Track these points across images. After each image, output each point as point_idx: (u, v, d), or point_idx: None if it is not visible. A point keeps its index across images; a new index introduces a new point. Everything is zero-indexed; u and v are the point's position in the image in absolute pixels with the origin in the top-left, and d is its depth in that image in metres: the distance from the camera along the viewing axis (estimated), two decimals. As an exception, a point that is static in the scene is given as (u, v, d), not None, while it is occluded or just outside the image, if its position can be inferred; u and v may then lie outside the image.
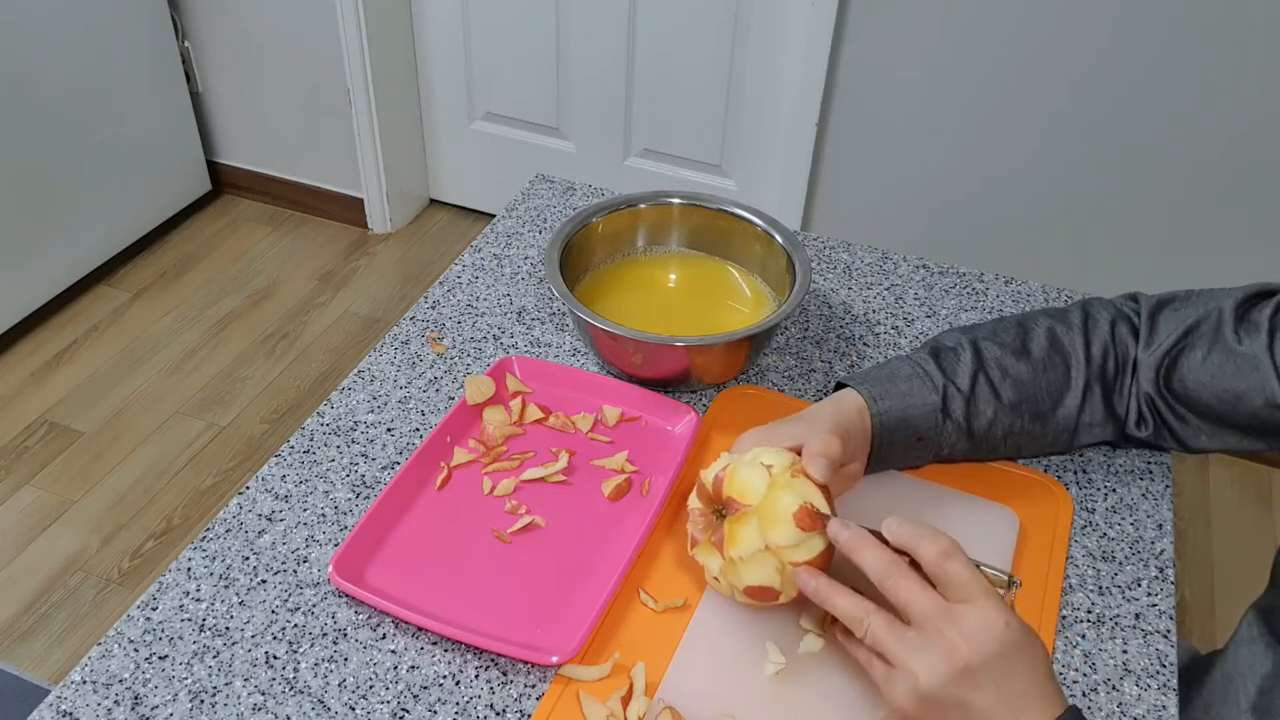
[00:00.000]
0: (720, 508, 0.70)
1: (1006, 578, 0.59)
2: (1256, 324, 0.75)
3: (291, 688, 0.69)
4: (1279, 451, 1.99)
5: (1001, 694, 0.58)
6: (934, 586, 0.61)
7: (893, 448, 0.78)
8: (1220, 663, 0.86)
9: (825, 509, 0.67)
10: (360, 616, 0.74)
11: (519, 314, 1.02)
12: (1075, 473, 0.87)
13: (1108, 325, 0.81)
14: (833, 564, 0.68)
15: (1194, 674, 0.89)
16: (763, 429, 0.74)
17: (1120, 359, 0.80)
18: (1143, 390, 0.80)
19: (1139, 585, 0.78)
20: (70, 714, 0.67)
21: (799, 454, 0.70)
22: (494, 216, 1.40)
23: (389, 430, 0.89)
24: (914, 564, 0.62)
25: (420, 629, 0.72)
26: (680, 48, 2.13)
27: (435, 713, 0.68)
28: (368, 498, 0.82)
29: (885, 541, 0.64)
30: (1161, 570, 0.79)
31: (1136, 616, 0.76)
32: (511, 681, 0.70)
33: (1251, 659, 0.82)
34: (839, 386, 0.81)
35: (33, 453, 1.96)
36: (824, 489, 0.68)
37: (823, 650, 0.71)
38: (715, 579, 0.70)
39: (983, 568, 0.61)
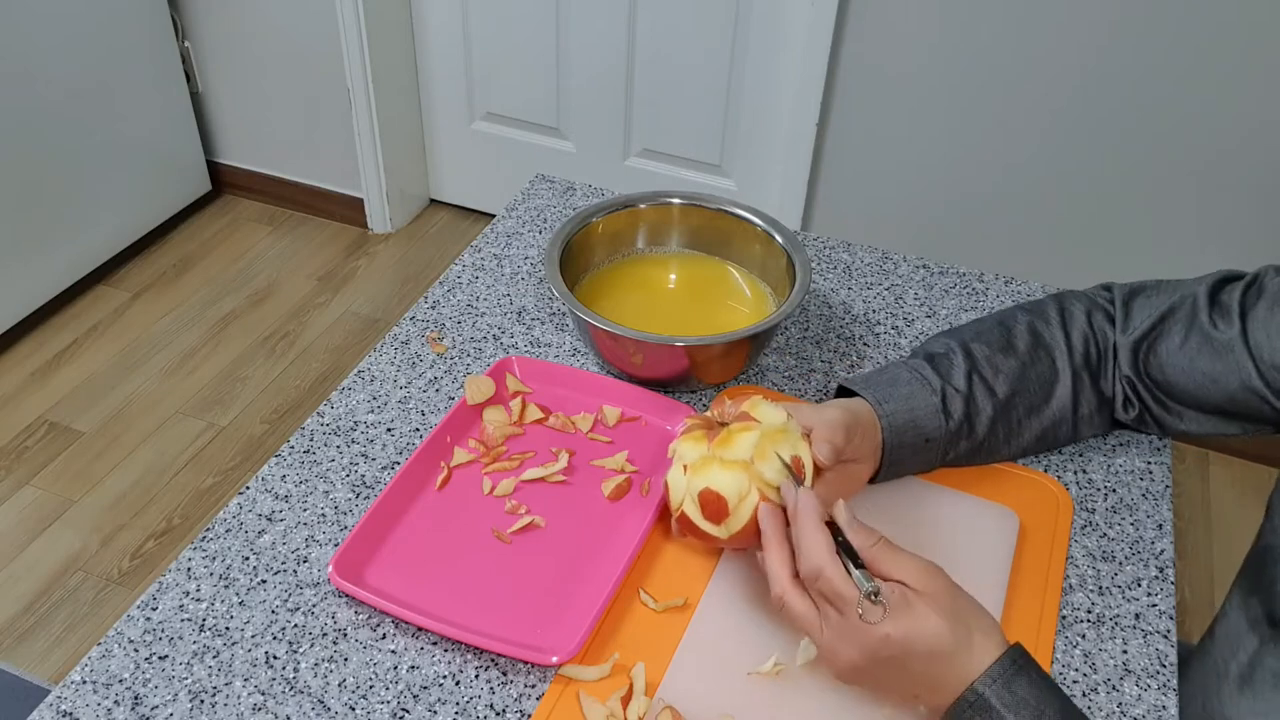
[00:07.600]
0: (727, 424, 0.73)
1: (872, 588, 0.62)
2: (1227, 307, 0.78)
3: (291, 688, 0.69)
4: (1276, 449, 2.00)
5: (949, 640, 0.61)
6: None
7: (903, 450, 0.79)
8: (1207, 640, 0.88)
9: (809, 473, 0.71)
10: (360, 616, 0.74)
11: (519, 314, 1.02)
12: (1075, 473, 0.87)
13: (1084, 316, 0.84)
14: None
15: (1183, 656, 0.91)
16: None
17: (1101, 346, 0.83)
18: (1123, 373, 0.83)
19: (1139, 585, 0.78)
20: (70, 714, 0.67)
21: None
22: (494, 216, 1.39)
23: (389, 430, 0.89)
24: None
25: (420, 629, 0.72)
26: (680, 48, 2.13)
27: (435, 713, 0.68)
28: (368, 498, 0.82)
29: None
30: (1161, 570, 0.79)
31: (1136, 616, 0.76)
32: (511, 681, 0.70)
33: (1232, 636, 0.84)
34: (840, 390, 0.83)
35: (33, 453, 1.96)
36: (816, 470, 0.72)
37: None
38: (673, 481, 0.73)
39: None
